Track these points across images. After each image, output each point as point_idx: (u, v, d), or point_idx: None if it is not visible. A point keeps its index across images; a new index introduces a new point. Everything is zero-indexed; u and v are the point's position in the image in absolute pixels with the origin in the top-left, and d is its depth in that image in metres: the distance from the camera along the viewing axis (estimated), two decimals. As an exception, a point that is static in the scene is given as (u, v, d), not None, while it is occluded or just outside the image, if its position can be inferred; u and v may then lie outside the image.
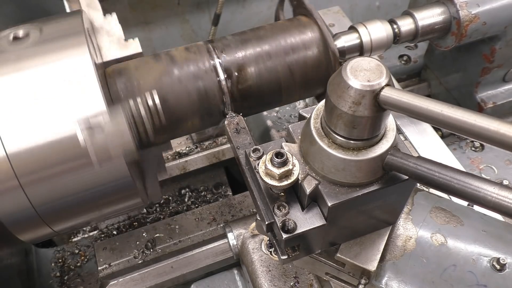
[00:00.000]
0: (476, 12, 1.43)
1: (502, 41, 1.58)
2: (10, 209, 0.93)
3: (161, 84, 1.14)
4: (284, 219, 0.86)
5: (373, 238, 1.01)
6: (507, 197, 0.64)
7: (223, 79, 1.18)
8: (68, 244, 1.87)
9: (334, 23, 1.86)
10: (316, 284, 1.37)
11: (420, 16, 1.42)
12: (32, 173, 0.90)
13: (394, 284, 1.03)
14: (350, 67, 0.74)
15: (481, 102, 1.79)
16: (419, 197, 1.09)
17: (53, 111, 0.90)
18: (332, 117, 0.78)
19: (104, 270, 1.64)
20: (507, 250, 1.00)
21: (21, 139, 0.88)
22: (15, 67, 0.91)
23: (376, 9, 2.69)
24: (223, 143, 1.97)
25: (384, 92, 0.72)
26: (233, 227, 1.50)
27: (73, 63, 0.92)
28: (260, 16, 2.43)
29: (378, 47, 1.37)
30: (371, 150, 0.81)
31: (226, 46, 1.22)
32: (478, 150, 1.79)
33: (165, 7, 2.22)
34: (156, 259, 1.56)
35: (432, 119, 0.68)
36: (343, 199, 0.83)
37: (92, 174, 0.94)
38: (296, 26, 1.26)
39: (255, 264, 1.40)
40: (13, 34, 0.97)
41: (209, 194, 2.06)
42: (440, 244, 1.02)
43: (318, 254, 1.05)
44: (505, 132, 0.60)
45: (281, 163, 0.81)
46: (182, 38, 2.37)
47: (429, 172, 0.73)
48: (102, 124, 0.90)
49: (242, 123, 1.18)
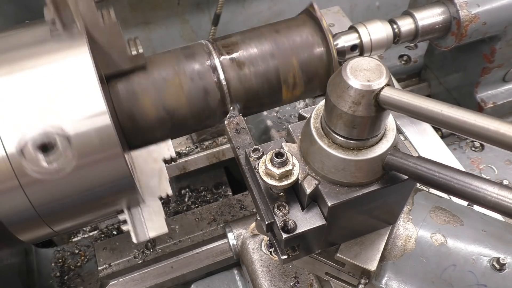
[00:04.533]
0: (476, 12, 1.43)
1: (502, 41, 1.58)
2: (10, 209, 0.93)
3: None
4: (284, 219, 0.86)
5: (373, 238, 1.01)
6: (507, 197, 0.64)
7: (223, 78, 1.18)
8: (68, 244, 1.87)
9: (334, 23, 1.86)
10: (316, 284, 1.37)
11: (420, 16, 1.42)
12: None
13: (394, 284, 1.03)
14: (350, 67, 0.74)
15: (481, 102, 1.79)
16: (419, 197, 1.09)
17: (53, 111, 0.89)
18: (332, 117, 0.78)
19: (104, 270, 1.64)
20: (507, 250, 1.00)
21: (18, 133, 0.88)
22: (15, 67, 0.91)
23: (376, 9, 2.69)
24: (223, 143, 1.97)
25: (384, 92, 0.72)
26: (233, 227, 1.50)
27: (73, 63, 0.92)
28: (260, 16, 2.43)
29: (378, 47, 1.37)
30: (371, 150, 0.81)
31: (226, 45, 1.22)
32: (478, 150, 1.79)
33: (165, 7, 2.21)
34: (156, 259, 1.56)
35: (432, 119, 0.68)
36: (343, 199, 0.83)
37: (92, 173, 0.94)
38: (297, 26, 1.26)
39: (255, 264, 1.40)
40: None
41: (209, 194, 2.06)
42: (440, 244, 1.02)
43: (318, 254, 1.05)
44: (505, 132, 0.60)
45: (281, 163, 0.81)
46: (182, 38, 2.37)
47: (429, 172, 0.73)
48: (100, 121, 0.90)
49: (242, 123, 1.18)
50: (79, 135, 0.90)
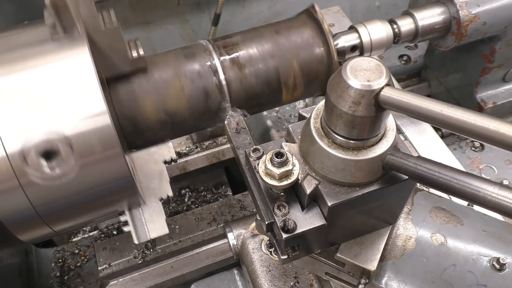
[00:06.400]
0: (476, 12, 1.43)
1: (502, 41, 1.58)
2: (10, 209, 0.93)
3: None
4: (284, 219, 0.86)
5: (373, 238, 1.01)
6: (507, 197, 0.64)
7: (223, 78, 1.18)
8: (68, 244, 1.87)
9: (334, 23, 1.86)
10: (316, 284, 1.37)
11: (420, 16, 1.42)
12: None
13: (394, 284, 1.03)
14: (350, 67, 0.74)
15: (481, 102, 1.79)
16: (419, 197, 1.09)
17: (53, 111, 0.89)
18: (332, 117, 0.78)
19: (104, 270, 1.64)
20: (507, 250, 1.00)
21: (21, 139, 0.88)
22: (15, 67, 0.91)
23: (376, 9, 2.69)
24: (223, 143, 1.97)
25: (384, 92, 0.72)
26: (233, 227, 1.50)
27: (73, 63, 0.92)
28: (260, 16, 2.43)
29: (378, 47, 1.37)
30: (371, 150, 0.81)
31: (226, 46, 1.22)
32: (478, 150, 1.79)
33: (165, 7, 2.21)
34: (156, 259, 1.56)
35: (432, 119, 0.68)
36: (343, 199, 0.83)
37: (92, 174, 0.94)
38: (297, 26, 1.26)
39: (255, 264, 1.40)
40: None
41: (209, 194, 2.06)
42: (440, 244, 1.02)
43: (318, 254, 1.05)
44: (505, 132, 0.60)
45: (281, 163, 0.81)
46: (182, 38, 2.37)
47: (429, 172, 0.73)
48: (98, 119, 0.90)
49: (242, 123, 1.18)
50: (79, 136, 0.90)
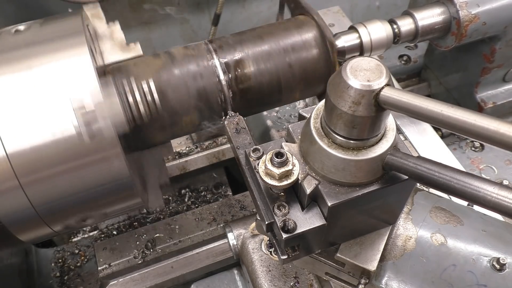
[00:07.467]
0: (476, 12, 1.43)
1: (502, 41, 1.58)
2: (10, 209, 0.93)
3: (159, 77, 1.14)
4: (284, 219, 0.86)
5: (373, 238, 1.01)
6: (507, 197, 0.64)
7: (223, 78, 1.18)
8: (68, 244, 1.87)
9: (334, 23, 1.86)
10: (316, 284, 1.37)
11: (420, 16, 1.42)
12: (32, 173, 0.91)
13: (394, 284, 1.03)
14: (350, 67, 0.74)
15: (481, 102, 1.79)
16: (419, 197, 1.09)
17: (53, 110, 0.90)
18: (332, 117, 0.78)
19: (104, 270, 1.64)
20: (507, 250, 1.00)
21: (20, 139, 0.88)
22: (15, 66, 0.92)
23: (376, 9, 2.69)
24: (223, 143, 1.97)
25: (384, 92, 0.72)
26: (233, 227, 1.50)
27: (72, 59, 0.93)
28: (260, 16, 2.43)
29: (378, 47, 1.37)
30: (371, 150, 0.81)
31: (226, 46, 1.22)
32: (478, 150, 1.79)
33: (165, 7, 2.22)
34: (156, 259, 1.56)
35: (432, 119, 0.68)
36: (343, 199, 0.83)
37: (92, 173, 0.94)
38: (294, 25, 1.26)
39: (255, 264, 1.40)
40: (15, 28, 0.98)
41: (209, 194, 2.06)
42: (440, 244, 1.02)
43: (318, 254, 1.05)
44: (505, 132, 0.60)
45: (281, 163, 0.81)
46: (182, 38, 2.37)
47: (429, 172, 0.73)
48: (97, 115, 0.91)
49: (242, 123, 1.18)
50: (79, 135, 0.90)
